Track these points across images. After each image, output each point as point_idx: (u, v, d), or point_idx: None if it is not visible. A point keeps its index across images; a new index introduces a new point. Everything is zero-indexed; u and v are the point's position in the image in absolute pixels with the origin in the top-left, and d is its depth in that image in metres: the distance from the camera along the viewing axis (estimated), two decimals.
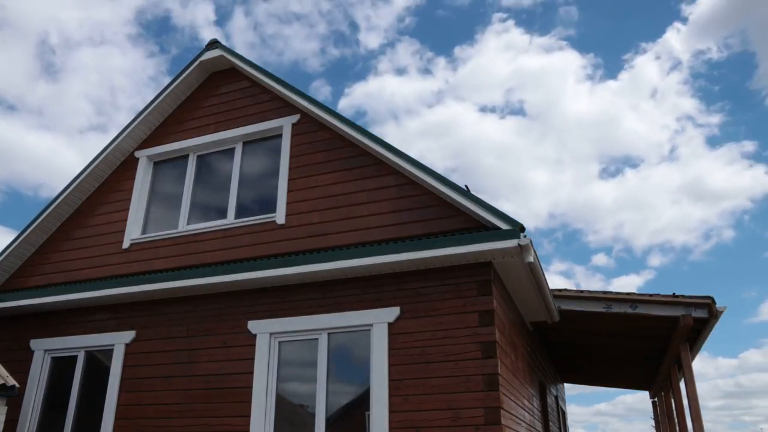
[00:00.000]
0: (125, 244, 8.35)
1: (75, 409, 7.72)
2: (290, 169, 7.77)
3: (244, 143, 8.43)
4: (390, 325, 6.32)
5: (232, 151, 8.49)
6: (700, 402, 8.41)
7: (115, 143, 8.93)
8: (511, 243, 5.90)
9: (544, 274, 6.88)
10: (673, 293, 8.07)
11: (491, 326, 5.94)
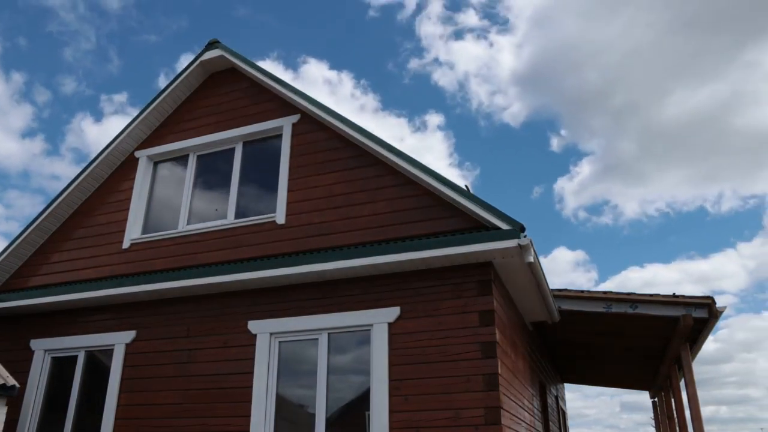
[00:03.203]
0: (125, 244, 8.35)
1: (75, 409, 7.72)
2: (290, 169, 7.77)
3: (244, 143, 8.42)
4: (390, 325, 6.32)
5: (232, 151, 8.48)
6: None
7: (115, 143, 8.92)
8: (511, 243, 5.89)
9: (544, 274, 6.88)
10: (673, 293, 8.08)
11: (491, 326, 5.94)
